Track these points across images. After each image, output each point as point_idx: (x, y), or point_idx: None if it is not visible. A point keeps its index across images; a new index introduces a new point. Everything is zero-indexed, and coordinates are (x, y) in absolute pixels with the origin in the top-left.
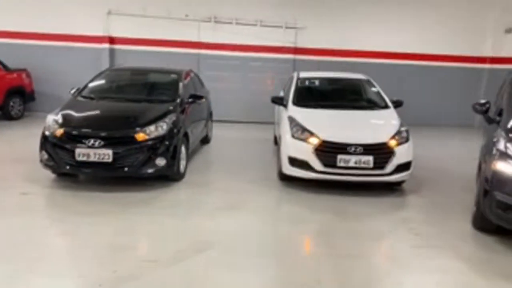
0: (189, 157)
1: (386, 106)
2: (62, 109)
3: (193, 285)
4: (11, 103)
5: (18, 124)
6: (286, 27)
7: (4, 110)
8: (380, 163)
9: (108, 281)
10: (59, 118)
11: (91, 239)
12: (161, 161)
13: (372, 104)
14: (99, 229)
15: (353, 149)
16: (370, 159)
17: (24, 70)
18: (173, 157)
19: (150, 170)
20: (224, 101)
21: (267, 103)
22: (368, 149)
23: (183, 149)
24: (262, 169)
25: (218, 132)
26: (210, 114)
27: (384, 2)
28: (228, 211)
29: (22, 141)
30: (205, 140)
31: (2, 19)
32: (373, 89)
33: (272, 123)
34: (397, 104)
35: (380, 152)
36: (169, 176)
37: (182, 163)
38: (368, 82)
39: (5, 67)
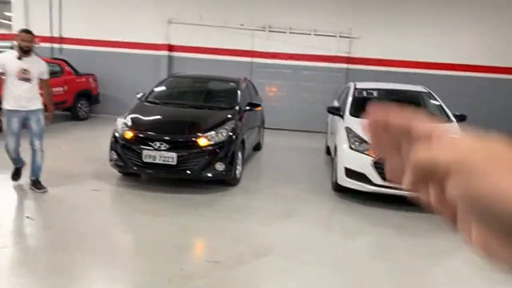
0: (244, 163)
1: (449, 120)
2: (130, 113)
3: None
4: (79, 105)
5: (85, 125)
6: (340, 36)
7: (72, 111)
8: None
9: (177, 277)
10: (128, 121)
11: (157, 237)
12: (220, 166)
13: (434, 118)
14: (164, 228)
15: None
16: None
17: (91, 74)
18: (231, 163)
19: (209, 174)
20: (275, 109)
21: (318, 112)
22: None
23: (239, 155)
24: (315, 178)
25: (268, 139)
26: (263, 121)
27: (441, 12)
28: (283, 218)
29: (89, 141)
30: (257, 147)
31: (73, 27)
32: (434, 102)
33: (323, 132)
34: (461, 118)
35: None
36: (226, 181)
37: (238, 169)
38: (429, 94)
39: (75, 71)
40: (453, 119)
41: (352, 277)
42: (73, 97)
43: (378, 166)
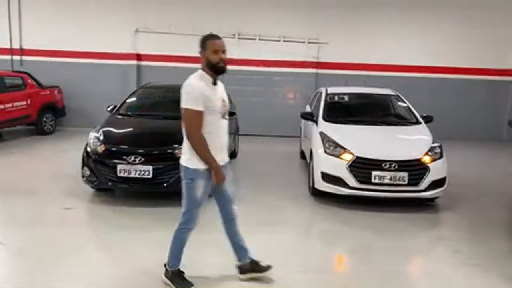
0: None
1: (417, 122)
2: (102, 126)
3: None
4: (44, 119)
5: (50, 139)
6: (309, 42)
7: (37, 125)
8: (415, 180)
9: None
10: (100, 135)
11: (136, 253)
12: None
13: (403, 120)
14: (143, 243)
15: (388, 165)
16: (405, 175)
17: (56, 87)
18: None
19: None
20: (249, 115)
21: (291, 117)
22: (402, 165)
23: None
24: (292, 183)
25: (243, 146)
26: (237, 128)
27: (408, 17)
28: (264, 226)
29: (56, 156)
30: (233, 155)
31: (36, 38)
32: (402, 104)
33: (296, 137)
34: (428, 120)
35: (415, 169)
36: None
37: None
38: (397, 97)
39: (39, 84)
40: (421, 120)
41: (335, 280)
42: (37, 111)
43: (353, 169)
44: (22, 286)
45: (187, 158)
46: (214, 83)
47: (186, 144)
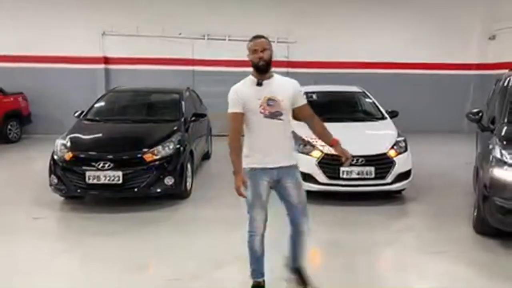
0: (194, 174)
1: (382, 117)
2: (69, 133)
3: None
4: (9, 127)
5: (16, 147)
6: (278, 42)
7: (1, 133)
8: (381, 173)
9: None
10: (67, 142)
11: (110, 260)
12: (169, 180)
13: (369, 116)
14: (116, 250)
15: (355, 160)
16: (372, 169)
17: (20, 93)
18: (181, 176)
19: (158, 190)
20: (221, 116)
21: None
22: (369, 160)
23: (189, 166)
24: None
25: (217, 147)
26: (210, 130)
27: (375, 14)
28: (236, 227)
29: (22, 164)
30: (206, 156)
31: None
32: (368, 100)
33: None
34: (393, 115)
35: (381, 163)
36: (177, 194)
37: (189, 181)
38: (363, 94)
39: (1, 91)
40: (387, 115)
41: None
42: (1, 119)
43: (322, 166)
44: None
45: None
46: (258, 84)
47: None
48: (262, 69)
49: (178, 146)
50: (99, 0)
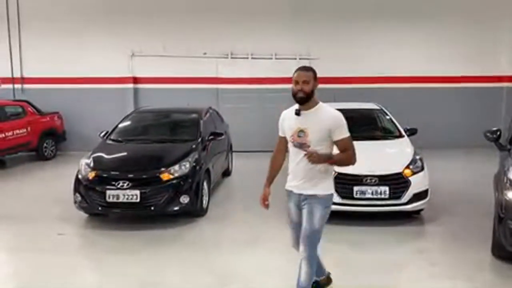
0: (211, 192)
1: (400, 135)
2: (93, 153)
3: None
4: (45, 144)
5: (51, 164)
6: (300, 58)
7: (38, 151)
8: (396, 193)
9: None
10: (90, 161)
11: (127, 276)
12: (185, 199)
13: (386, 134)
14: (133, 266)
15: (368, 180)
16: (386, 189)
17: (56, 113)
18: (196, 194)
19: (175, 208)
20: (243, 132)
21: None
22: (383, 179)
23: (205, 185)
24: (282, 200)
25: (238, 163)
26: (230, 146)
27: (395, 28)
28: (250, 246)
29: (56, 181)
30: (226, 173)
31: (35, 66)
32: (386, 117)
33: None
34: (412, 132)
35: (396, 182)
36: (193, 212)
37: (205, 199)
38: (381, 111)
39: (38, 111)
40: (404, 133)
41: None
42: (38, 137)
43: (336, 185)
44: None
45: None
46: (296, 114)
47: None
48: (298, 100)
49: (194, 165)
50: (128, 23)
